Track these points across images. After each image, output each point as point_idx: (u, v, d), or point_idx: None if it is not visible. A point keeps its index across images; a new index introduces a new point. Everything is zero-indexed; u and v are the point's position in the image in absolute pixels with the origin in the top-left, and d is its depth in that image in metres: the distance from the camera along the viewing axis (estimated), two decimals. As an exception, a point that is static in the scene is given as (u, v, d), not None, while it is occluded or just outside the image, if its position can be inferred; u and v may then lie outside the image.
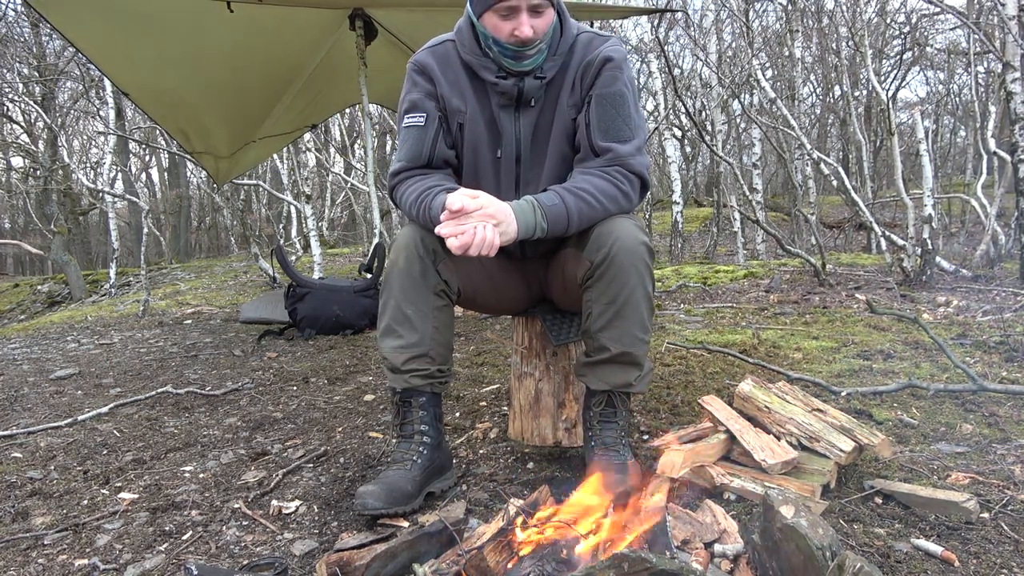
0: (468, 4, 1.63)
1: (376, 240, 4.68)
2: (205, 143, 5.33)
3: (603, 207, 1.61)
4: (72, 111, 15.13)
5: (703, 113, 11.61)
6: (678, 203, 9.44)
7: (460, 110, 1.71)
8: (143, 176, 21.66)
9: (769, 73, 12.73)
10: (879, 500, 1.56)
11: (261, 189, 11.62)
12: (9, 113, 13.57)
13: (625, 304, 1.60)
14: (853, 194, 5.83)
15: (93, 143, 18.30)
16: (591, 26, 2.55)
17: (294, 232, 12.71)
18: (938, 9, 6.97)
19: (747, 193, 7.19)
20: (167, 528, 1.63)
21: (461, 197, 1.47)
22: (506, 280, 1.85)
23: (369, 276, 4.68)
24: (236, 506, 1.73)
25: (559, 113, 1.71)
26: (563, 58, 1.68)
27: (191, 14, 3.76)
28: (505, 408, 2.45)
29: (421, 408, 1.71)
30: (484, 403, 2.59)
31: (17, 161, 15.95)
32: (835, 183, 6.31)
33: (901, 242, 5.23)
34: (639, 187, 1.67)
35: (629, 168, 1.65)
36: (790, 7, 8.99)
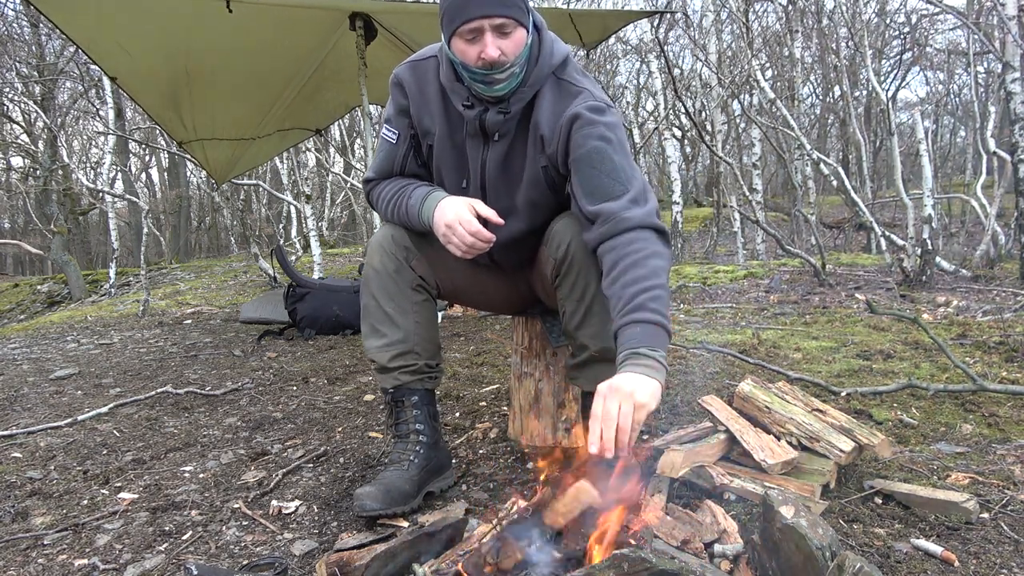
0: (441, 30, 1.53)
1: (376, 240, 4.67)
2: (194, 130, 5.27)
3: (664, 277, 1.39)
4: (72, 111, 15.14)
5: (703, 113, 11.63)
6: (678, 203, 9.44)
7: (430, 131, 1.66)
8: (143, 176, 21.66)
9: (769, 73, 12.73)
10: (879, 500, 1.56)
11: (261, 189, 11.62)
12: (9, 113, 13.56)
13: (594, 301, 1.58)
14: (853, 194, 5.84)
15: (93, 143, 18.32)
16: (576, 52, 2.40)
17: (294, 232, 12.72)
18: (938, 9, 6.96)
19: (747, 193, 7.20)
20: (167, 528, 1.63)
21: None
22: (489, 278, 1.85)
23: (369, 276, 4.67)
24: (236, 506, 1.73)
25: (530, 159, 1.59)
26: (533, 91, 1.54)
27: (190, 10, 3.76)
28: (505, 408, 2.45)
29: (414, 407, 1.71)
30: (484, 403, 2.59)
31: (17, 161, 15.97)
32: (835, 183, 6.32)
33: (901, 242, 5.24)
34: (658, 239, 1.45)
35: (632, 225, 1.43)
36: (790, 7, 8.99)
